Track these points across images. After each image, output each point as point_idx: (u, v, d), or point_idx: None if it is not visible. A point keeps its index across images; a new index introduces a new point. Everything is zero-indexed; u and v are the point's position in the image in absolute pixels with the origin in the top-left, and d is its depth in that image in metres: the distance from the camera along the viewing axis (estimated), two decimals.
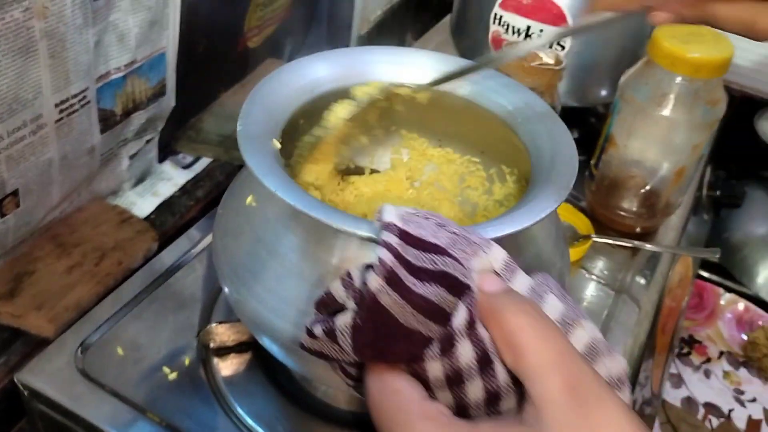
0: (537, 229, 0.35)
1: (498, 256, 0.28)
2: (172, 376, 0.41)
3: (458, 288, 0.26)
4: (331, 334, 0.27)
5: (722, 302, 0.67)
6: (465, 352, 0.26)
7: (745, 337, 0.65)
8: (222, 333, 0.42)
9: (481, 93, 0.41)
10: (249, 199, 0.35)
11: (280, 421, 0.40)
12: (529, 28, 0.58)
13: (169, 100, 0.58)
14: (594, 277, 0.53)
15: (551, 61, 0.50)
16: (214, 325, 0.42)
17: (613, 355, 0.26)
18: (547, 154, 0.36)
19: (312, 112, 0.40)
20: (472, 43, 0.69)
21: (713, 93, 0.50)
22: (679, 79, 0.49)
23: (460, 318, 0.26)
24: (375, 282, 0.25)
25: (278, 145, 0.35)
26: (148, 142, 0.59)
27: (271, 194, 0.30)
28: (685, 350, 0.62)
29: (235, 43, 0.65)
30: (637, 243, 0.53)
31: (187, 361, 0.42)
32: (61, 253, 0.53)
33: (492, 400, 0.26)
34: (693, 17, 0.37)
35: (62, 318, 0.49)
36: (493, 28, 0.63)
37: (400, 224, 0.27)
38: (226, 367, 0.42)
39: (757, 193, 0.74)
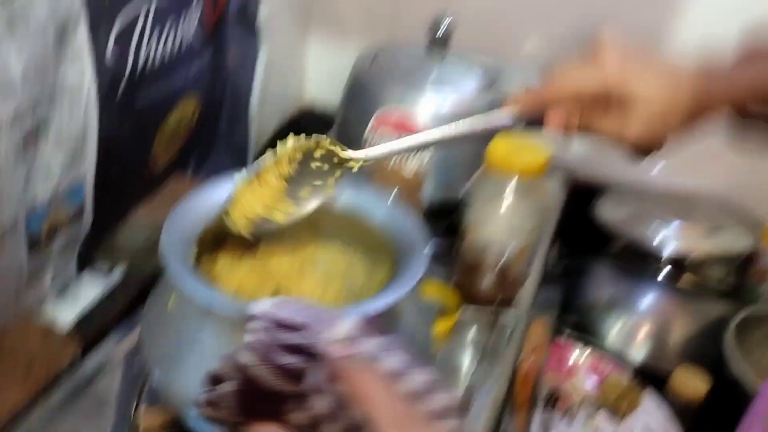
0: (402, 305, 0.45)
1: (345, 326, 0.36)
2: None
3: (312, 355, 0.35)
4: (217, 401, 0.36)
5: (580, 358, 0.79)
6: (320, 404, 0.35)
7: (598, 385, 0.77)
8: (149, 417, 0.48)
9: (358, 204, 0.51)
10: (171, 301, 0.43)
11: None
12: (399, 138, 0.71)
13: (87, 221, 0.65)
14: (465, 343, 0.63)
15: (409, 175, 0.63)
16: (143, 407, 0.49)
17: (446, 390, 0.36)
18: (407, 251, 0.47)
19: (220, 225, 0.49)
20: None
21: (539, 188, 0.63)
22: (511, 181, 0.62)
23: (314, 378, 0.35)
24: (246, 357, 0.34)
25: (193, 255, 0.43)
26: (66, 261, 0.66)
27: (187, 294, 0.39)
28: (552, 402, 0.73)
29: (143, 167, 0.74)
30: (493, 310, 0.64)
31: None
32: None
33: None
34: (579, 126, 0.49)
35: None
36: (369, 141, 0.75)
37: (270, 310, 0.36)
38: None
39: (600, 266, 0.88)
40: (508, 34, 0.91)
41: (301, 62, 1.03)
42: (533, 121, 0.49)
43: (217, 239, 0.51)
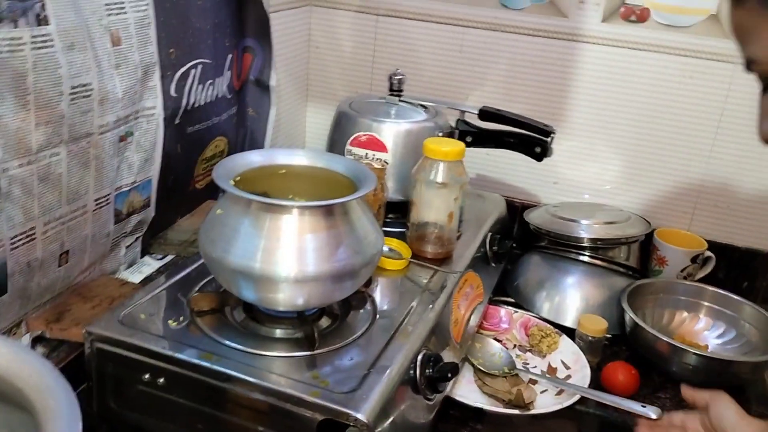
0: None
1: None
2: (174, 325, 0.72)
3: None
4: None
5: (515, 318, 1.04)
6: None
7: (526, 334, 1.01)
8: (200, 300, 0.74)
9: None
10: (219, 209, 0.70)
11: (236, 341, 0.70)
12: (366, 155, 0.99)
13: (152, 211, 0.93)
14: (411, 282, 0.88)
15: (378, 166, 0.91)
16: (195, 293, 0.74)
17: None
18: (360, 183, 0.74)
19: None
20: None
21: (458, 168, 0.90)
22: (439, 163, 0.89)
23: None
24: None
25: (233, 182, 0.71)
26: (136, 239, 0.93)
27: (231, 199, 0.66)
28: None
29: (188, 183, 1.03)
30: (434, 266, 0.89)
31: (182, 318, 0.73)
32: (86, 301, 0.84)
33: None
34: None
35: None
36: (348, 155, 1.03)
37: None
38: (204, 320, 0.73)
39: (533, 256, 1.14)
40: (448, 82, 1.24)
41: (302, 117, 1.35)
42: None
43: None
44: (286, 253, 0.67)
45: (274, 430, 0.67)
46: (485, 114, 1.04)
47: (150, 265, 0.96)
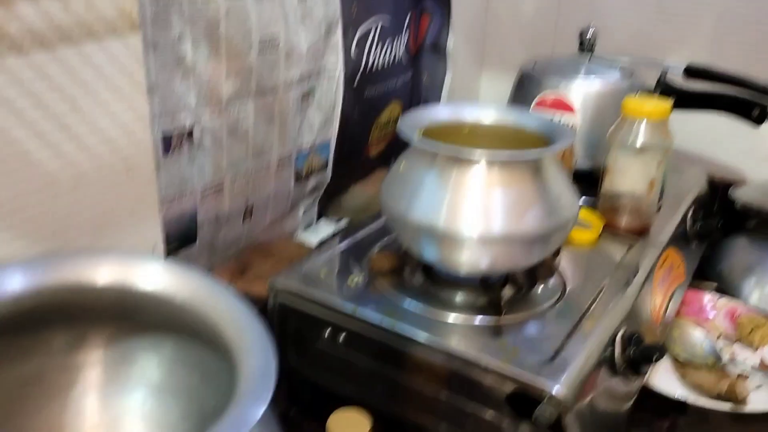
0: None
1: None
2: (354, 284, 0.70)
3: None
4: None
5: (719, 305, 0.91)
6: None
7: (733, 324, 0.89)
8: (381, 260, 0.71)
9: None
10: (402, 165, 0.66)
11: (416, 303, 0.66)
12: (552, 119, 0.91)
13: (329, 174, 0.92)
14: (602, 257, 0.79)
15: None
16: (375, 251, 0.72)
17: None
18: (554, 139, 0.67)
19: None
20: None
21: (663, 130, 0.80)
22: (641, 124, 0.79)
23: None
24: None
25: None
26: (313, 201, 0.93)
27: (416, 153, 0.62)
28: None
29: (363, 149, 1.01)
30: (629, 240, 0.80)
31: (361, 278, 0.71)
32: (266, 258, 0.84)
33: None
34: None
35: None
36: None
37: None
38: (383, 281, 0.70)
39: (740, 239, 1.01)
40: (645, 39, 1.12)
41: (476, 85, 1.30)
42: None
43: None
44: (472, 211, 0.62)
45: (458, 398, 0.62)
46: (692, 71, 0.92)
47: (325, 229, 0.95)
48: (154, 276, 0.47)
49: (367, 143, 1.00)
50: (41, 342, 0.49)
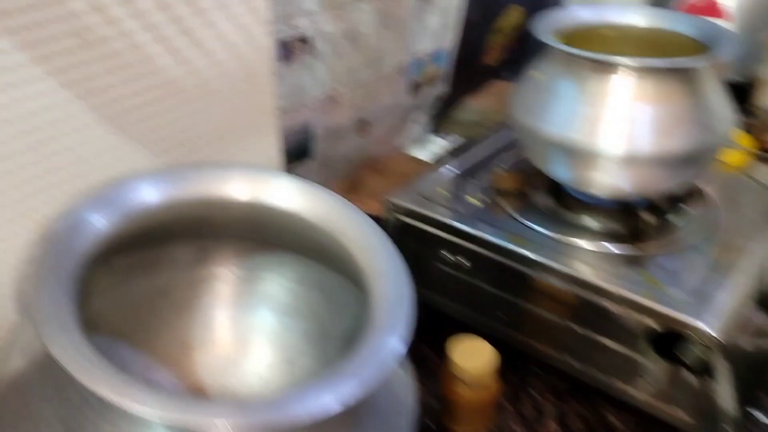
0: None
1: None
2: (475, 203, 0.66)
3: None
4: None
5: None
6: None
7: None
8: (507, 179, 0.66)
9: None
10: (537, 72, 0.60)
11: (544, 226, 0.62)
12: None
13: (445, 86, 0.87)
14: (756, 182, 0.71)
15: None
16: (500, 171, 0.67)
17: None
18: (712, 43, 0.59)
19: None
20: None
21: None
22: None
23: None
24: None
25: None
26: (426, 114, 0.88)
27: (553, 59, 0.56)
28: None
29: (479, 57, 0.94)
30: None
31: (483, 197, 0.67)
32: (379, 174, 0.81)
33: None
34: None
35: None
36: None
37: None
38: (506, 201, 0.66)
39: None
40: None
41: None
42: None
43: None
44: (614, 125, 0.56)
45: (587, 329, 0.58)
46: None
47: (438, 144, 0.90)
48: (287, 193, 0.44)
49: (483, 50, 0.93)
50: (168, 255, 0.48)
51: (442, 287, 0.66)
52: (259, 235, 0.47)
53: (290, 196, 0.44)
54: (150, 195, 0.41)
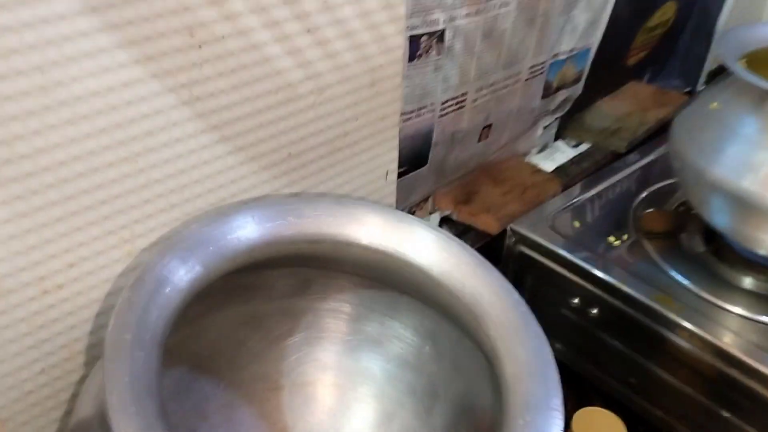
0: None
1: None
2: (615, 243, 0.57)
3: None
4: None
5: None
6: None
7: None
8: (654, 219, 0.57)
9: None
10: (713, 104, 0.50)
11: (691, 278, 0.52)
12: None
13: (580, 87, 0.76)
14: None
15: None
16: (649, 211, 0.57)
17: None
18: None
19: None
20: None
21: None
22: None
23: None
24: None
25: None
26: (556, 119, 0.78)
27: (737, 90, 0.45)
28: None
29: (622, 56, 0.83)
30: None
31: (625, 237, 0.57)
32: (496, 184, 0.73)
33: None
34: None
35: (503, 220, 0.68)
36: None
37: None
38: (652, 243, 0.56)
39: None
40: None
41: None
42: None
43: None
44: None
45: (723, 407, 0.49)
46: None
47: (563, 151, 0.81)
48: (421, 245, 0.37)
49: (628, 49, 0.82)
50: (264, 282, 0.42)
51: (565, 333, 0.58)
52: (375, 275, 0.40)
53: (424, 249, 0.37)
54: (251, 232, 0.35)
